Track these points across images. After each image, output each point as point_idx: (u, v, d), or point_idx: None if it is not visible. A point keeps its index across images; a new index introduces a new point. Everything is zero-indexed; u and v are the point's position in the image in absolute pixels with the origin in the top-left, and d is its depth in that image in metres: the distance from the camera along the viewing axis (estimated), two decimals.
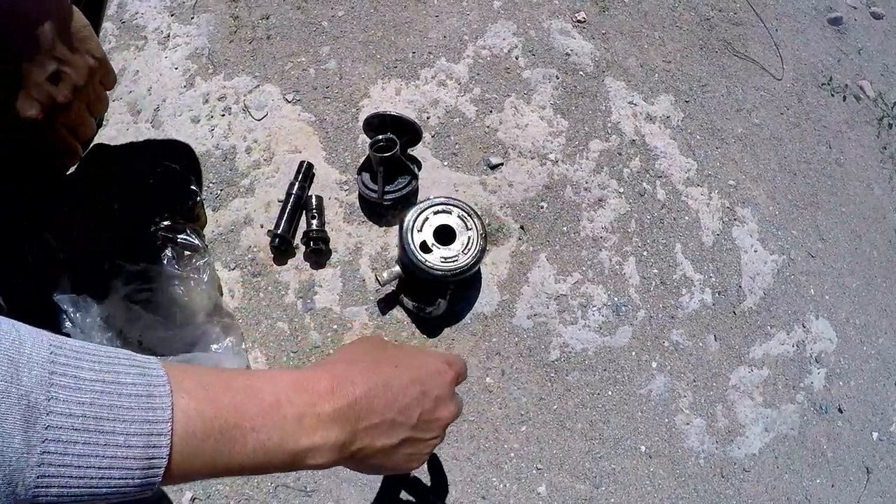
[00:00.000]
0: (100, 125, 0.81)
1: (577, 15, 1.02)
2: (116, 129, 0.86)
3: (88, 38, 0.50)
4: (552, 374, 0.79)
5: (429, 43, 0.96)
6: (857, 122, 1.10)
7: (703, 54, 1.06)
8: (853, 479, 0.85)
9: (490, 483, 0.73)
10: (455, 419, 0.45)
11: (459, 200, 0.77)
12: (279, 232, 0.78)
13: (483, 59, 0.96)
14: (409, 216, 0.74)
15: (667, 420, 0.80)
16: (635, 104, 0.97)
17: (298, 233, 0.81)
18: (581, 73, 0.98)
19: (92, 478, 0.27)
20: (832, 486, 0.83)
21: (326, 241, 0.80)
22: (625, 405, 0.79)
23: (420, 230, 0.74)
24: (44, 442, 0.25)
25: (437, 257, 0.73)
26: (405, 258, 0.74)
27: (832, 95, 1.10)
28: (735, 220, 0.93)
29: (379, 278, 0.74)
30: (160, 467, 0.29)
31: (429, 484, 0.71)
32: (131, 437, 0.28)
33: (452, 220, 0.75)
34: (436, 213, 0.76)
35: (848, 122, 1.09)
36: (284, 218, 0.79)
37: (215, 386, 0.32)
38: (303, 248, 0.80)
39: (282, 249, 0.80)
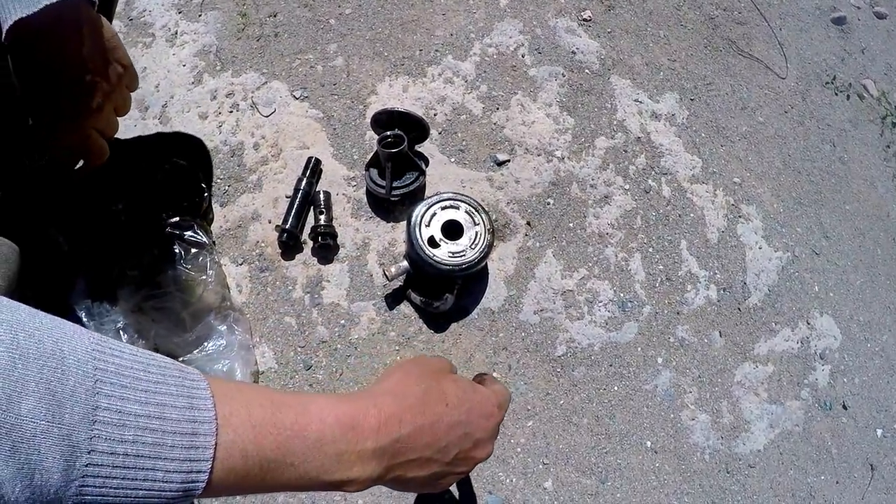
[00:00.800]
0: None
1: (583, 13, 1.03)
2: (124, 126, 0.86)
3: (117, 47, 0.52)
4: (558, 370, 0.79)
5: (436, 41, 0.97)
6: (860, 120, 1.10)
7: (708, 53, 1.06)
8: (857, 476, 0.85)
9: (496, 478, 0.73)
10: (488, 458, 0.44)
11: (467, 196, 0.77)
12: (287, 227, 0.79)
13: (490, 57, 0.97)
14: (417, 211, 0.75)
15: (672, 416, 0.80)
16: (641, 102, 0.98)
17: (306, 228, 0.81)
18: (587, 71, 0.98)
19: None
20: (836, 482, 0.83)
21: (334, 236, 0.80)
22: (630, 401, 0.80)
23: (428, 225, 0.75)
24: (83, 476, 0.25)
25: (445, 252, 0.73)
26: (413, 253, 0.74)
27: (836, 94, 1.10)
28: (740, 217, 0.94)
29: (387, 273, 0.75)
30: (195, 495, 0.29)
31: (457, 495, 0.72)
32: (170, 473, 0.28)
33: (460, 216, 0.76)
34: (443, 208, 0.76)
35: (851, 121, 1.09)
36: (292, 213, 0.79)
37: (263, 424, 0.31)
38: (310, 243, 0.81)
39: (289, 245, 0.80)
